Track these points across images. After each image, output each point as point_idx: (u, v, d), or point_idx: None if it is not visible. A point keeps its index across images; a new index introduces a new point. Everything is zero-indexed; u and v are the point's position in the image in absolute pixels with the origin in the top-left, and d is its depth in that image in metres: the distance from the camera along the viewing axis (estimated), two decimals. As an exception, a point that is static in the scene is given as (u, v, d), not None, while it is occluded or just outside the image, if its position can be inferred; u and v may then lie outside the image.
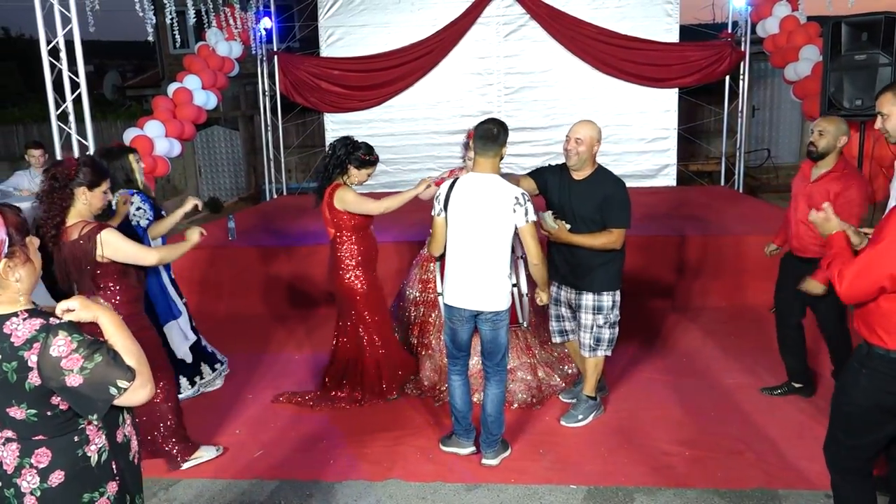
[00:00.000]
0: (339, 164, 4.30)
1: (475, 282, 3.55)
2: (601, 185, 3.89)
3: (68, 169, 3.27)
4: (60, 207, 3.26)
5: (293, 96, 9.94)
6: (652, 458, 3.79)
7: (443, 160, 9.71)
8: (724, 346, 5.36)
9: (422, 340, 4.75)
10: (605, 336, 4.08)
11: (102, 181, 3.37)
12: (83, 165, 3.31)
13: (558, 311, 4.26)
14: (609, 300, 4.03)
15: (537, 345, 4.76)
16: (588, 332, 4.09)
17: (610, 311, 4.04)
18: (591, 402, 4.23)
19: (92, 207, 3.36)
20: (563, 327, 4.30)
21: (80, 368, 1.81)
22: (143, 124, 7.27)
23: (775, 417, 4.18)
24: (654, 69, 9.38)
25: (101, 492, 1.97)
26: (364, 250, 4.37)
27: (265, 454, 3.98)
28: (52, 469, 1.91)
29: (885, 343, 2.52)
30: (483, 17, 9.53)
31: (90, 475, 1.96)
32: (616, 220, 3.87)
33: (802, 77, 7.46)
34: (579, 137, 3.82)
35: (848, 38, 5.44)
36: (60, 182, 3.25)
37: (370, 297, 4.42)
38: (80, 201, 3.29)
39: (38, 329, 1.83)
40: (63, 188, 3.25)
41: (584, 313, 4.08)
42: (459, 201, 3.52)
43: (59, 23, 5.71)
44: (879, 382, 2.55)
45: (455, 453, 3.90)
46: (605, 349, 4.11)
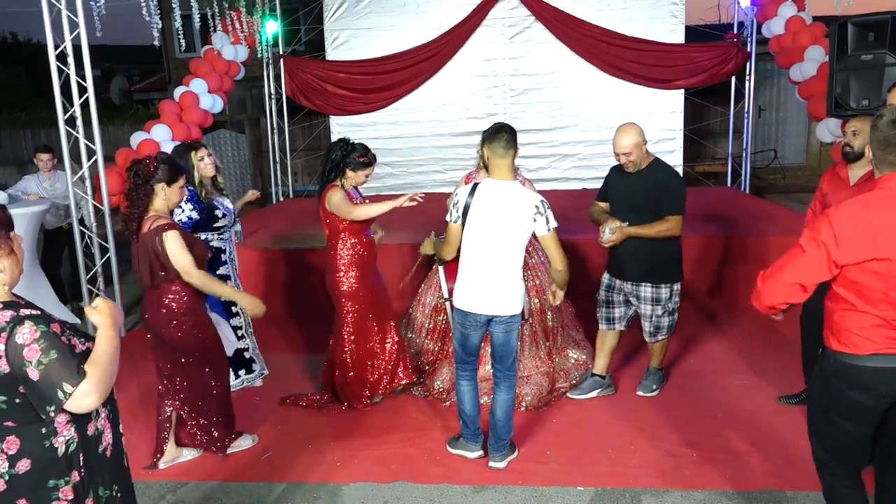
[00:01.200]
0: (335, 166, 4.30)
1: (491, 286, 3.54)
2: (654, 174, 4.12)
3: (148, 166, 3.54)
4: (143, 202, 3.55)
5: (299, 99, 9.96)
6: (659, 459, 3.79)
7: (448, 162, 9.73)
8: (733, 348, 5.35)
9: (443, 348, 4.73)
10: (665, 324, 4.34)
11: (179, 177, 3.64)
12: (161, 163, 3.58)
13: (609, 297, 4.44)
14: (667, 291, 4.24)
15: (556, 351, 4.76)
16: (648, 321, 4.33)
17: (668, 301, 4.27)
18: (660, 373, 4.61)
19: (170, 202, 3.64)
20: (611, 315, 4.48)
21: (37, 362, 1.90)
22: (150, 128, 7.31)
23: (783, 419, 4.17)
24: (659, 70, 9.37)
25: (66, 480, 2.05)
26: (358, 252, 4.36)
27: (272, 456, 3.99)
28: (19, 457, 1.99)
29: (831, 344, 2.53)
30: (488, 20, 9.53)
31: (56, 465, 2.04)
32: (670, 207, 4.09)
33: (808, 77, 7.45)
34: (626, 151, 4.07)
35: (854, 37, 5.42)
36: (142, 179, 3.52)
37: (357, 298, 4.40)
38: (160, 196, 3.57)
39: (7, 320, 1.93)
40: (145, 184, 3.53)
41: (643, 304, 4.29)
42: (479, 208, 3.50)
43: (66, 28, 5.75)
44: (829, 384, 2.55)
45: (462, 456, 3.90)
46: (664, 334, 4.39)
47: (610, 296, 4.45)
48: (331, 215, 4.30)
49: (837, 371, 2.50)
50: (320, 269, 6.52)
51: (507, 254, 3.52)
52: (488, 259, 3.52)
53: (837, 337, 2.49)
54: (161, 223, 3.53)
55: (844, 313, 2.45)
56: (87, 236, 6.24)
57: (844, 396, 2.50)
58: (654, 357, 4.59)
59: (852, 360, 2.45)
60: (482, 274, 3.55)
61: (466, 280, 3.61)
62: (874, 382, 2.43)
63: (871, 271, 2.35)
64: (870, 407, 2.48)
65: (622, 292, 4.39)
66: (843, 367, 2.48)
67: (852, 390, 2.47)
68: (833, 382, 2.53)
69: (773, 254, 6.27)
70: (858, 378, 2.45)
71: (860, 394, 2.47)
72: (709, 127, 11.17)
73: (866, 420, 2.52)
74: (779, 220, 7.18)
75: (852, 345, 2.45)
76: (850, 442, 2.58)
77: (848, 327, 2.45)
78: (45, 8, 5.63)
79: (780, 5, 8.09)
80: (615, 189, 4.31)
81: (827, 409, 2.58)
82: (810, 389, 2.72)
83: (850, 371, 2.47)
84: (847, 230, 2.36)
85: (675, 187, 4.14)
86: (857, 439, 2.57)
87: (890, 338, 2.39)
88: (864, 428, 2.54)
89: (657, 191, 4.09)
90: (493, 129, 3.56)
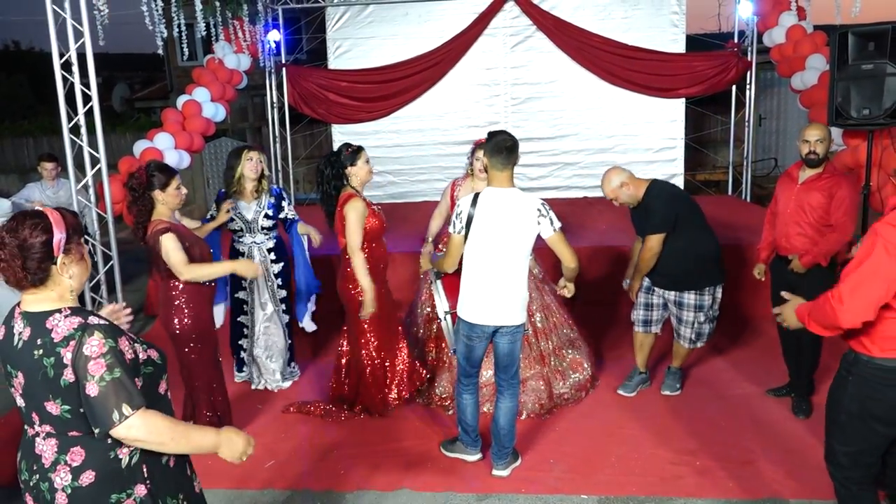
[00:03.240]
0: (338, 176, 4.30)
1: (498, 297, 3.54)
2: (644, 204, 4.31)
3: (141, 178, 3.75)
4: (146, 212, 3.79)
5: (301, 108, 9.98)
6: (662, 468, 3.79)
7: (450, 171, 9.72)
8: (732, 356, 5.35)
9: (439, 357, 4.74)
10: (706, 330, 4.48)
11: (171, 179, 3.81)
12: (151, 172, 3.77)
13: (649, 300, 4.56)
14: (709, 297, 4.38)
15: (550, 352, 4.75)
16: (690, 327, 4.45)
17: (710, 308, 4.41)
18: (681, 371, 4.77)
19: (169, 205, 3.83)
20: (649, 317, 4.60)
21: (99, 378, 1.86)
22: (153, 136, 7.32)
23: (785, 427, 4.18)
24: (660, 79, 9.39)
25: (128, 493, 2.01)
26: (372, 261, 4.37)
27: (277, 464, 3.99)
28: (83, 468, 1.96)
29: (869, 350, 2.57)
30: (490, 29, 9.56)
31: (119, 477, 2.00)
32: (649, 228, 4.29)
33: (809, 86, 7.46)
34: (611, 198, 4.34)
35: (855, 47, 5.44)
36: (139, 191, 3.75)
37: (379, 309, 4.40)
38: (159, 202, 3.79)
39: (76, 327, 1.91)
40: (143, 196, 3.76)
41: (686, 311, 4.42)
42: (483, 218, 3.49)
43: (71, 36, 5.78)
44: (865, 388, 2.60)
45: (461, 459, 3.92)
46: (704, 341, 4.53)
47: (650, 298, 4.57)
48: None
49: (880, 376, 2.56)
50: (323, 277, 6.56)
51: (513, 261, 3.53)
52: (494, 268, 3.52)
53: (879, 344, 2.54)
54: (159, 227, 3.74)
55: (889, 322, 2.50)
56: (91, 244, 6.26)
57: (887, 398, 2.56)
58: (679, 359, 4.72)
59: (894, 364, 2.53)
60: (488, 284, 3.54)
61: (472, 291, 3.59)
62: None
63: None
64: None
65: (662, 297, 4.51)
66: (886, 371, 2.54)
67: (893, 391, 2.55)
68: (875, 387, 2.58)
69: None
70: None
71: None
72: (709, 136, 11.18)
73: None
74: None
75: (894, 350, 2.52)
76: (879, 444, 2.66)
77: (892, 335, 2.51)
78: (50, 17, 5.66)
79: (781, 14, 8.12)
80: (634, 223, 4.56)
81: (862, 412, 2.63)
82: (836, 395, 2.74)
83: (892, 374, 2.54)
84: None
85: (653, 208, 4.28)
86: (885, 441, 2.65)
87: None
88: (892, 432, 2.62)
89: (645, 217, 4.31)
90: (494, 141, 3.53)
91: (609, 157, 9.52)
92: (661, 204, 4.27)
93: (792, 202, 4.28)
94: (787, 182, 4.42)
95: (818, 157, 4.16)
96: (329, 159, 4.35)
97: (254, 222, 4.87)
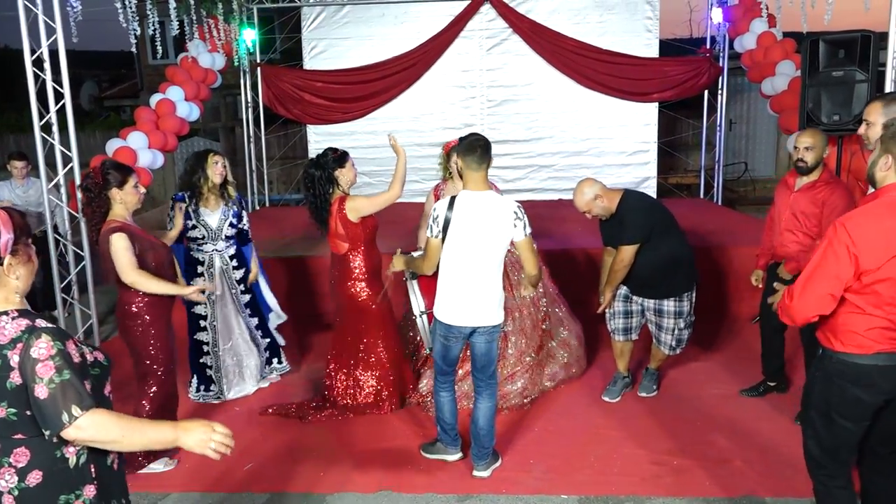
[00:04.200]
0: (328, 180, 4.29)
1: (475, 298, 3.55)
2: (619, 215, 4.30)
3: (96, 177, 3.61)
4: (101, 213, 3.65)
5: (276, 108, 9.92)
6: (641, 467, 3.83)
7: (425, 172, 9.70)
8: (708, 357, 5.44)
9: (418, 353, 4.76)
10: (685, 336, 4.54)
11: (129, 177, 3.68)
12: (108, 170, 3.63)
13: (628, 308, 4.57)
14: (688, 303, 4.44)
15: (525, 347, 4.78)
16: (671, 334, 4.50)
17: (689, 315, 4.47)
18: (657, 373, 4.83)
19: (128, 204, 3.69)
20: (629, 325, 4.62)
21: (48, 380, 1.83)
22: (126, 135, 7.22)
23: (761, 426, 4.25)
24: (634, 83, 9.49)
25: (77, 494, 1.97)
26: (373, 262, 4.41)
27: (255, 466, 3.96)
28: (29, 469, 1.91)
29: (832, 345, 2.63)
30: (466, 31, 9.59)
31: (68, 477, 1.95)
32: (624, 239, 4.26)
33: (779, 91, 7.60)
34: (584, 210, 4.31)
35: (826, 54, 5.56)
36: (94, 192, 3.61)
37: (383, 309, 4.45)
38: (116, 202, 3.64)
39: (23, 329, 1.88)
40: (98, 196, 3.62)
41: (666, 318, 4.46)
42: (460, 221, 3.50)
43: (43, 33, 5.67)
44: (830, 384, 2.65)
45: (442, 460, 3.92)
46: (684, 346, 4.60)
47: (629, 306, 4.59)
48: (354, 227, 4.29)
49: (841, 371, 2.61)
50: (298, 278, 6.53)
51: (489, 263, 3.54)
52: (472, 270, 3.53)
53: (841, 339, 2.59)
54: (110, 226, 3.61)
55: (850, 316, 2.55)
56: (62, 244, 6.15)
57: (847, 394, 2.60)
58: (656, 361, 4.76)
59: (857, 360, 2.57)
60: (466, 286, 3.55)
61: (449, 293, 3.60)
62: (877, 379, 2.56)
63: (887, 277, 2.44)
64: (870, 404, 2.61)
65: (641, 304, 4.54)
66: (846, 366, 2.59)
67: (855, 387, 2.59)
68: (836, 382, 2.63)
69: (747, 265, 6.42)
70: (862, 376, 2.57)
71: (863, 391, 2.58)
72: (681, 139, 11.33)
73: (865, 417, 2.64)
74: (750, 231, 7.31)
75: (857, 345, 2.56)
76: (848, 440, 2.69)
77: (853, 329, 2.55)
78: (21, 12, 5.55)
79: (752, 21, 8.26)
80: (603, 235, 4.56)
81: (828, 409, 2.67)
82: (807, 392, 2.82)
83: (854, 370, 2.58)
84: (865, 236, 2.45)
85: (628, 220, 4.26)
86: (854, 437, 2.68)
87: (893, 338, 2.52)
88: (861, 425, 2.66)
89: (619, 228, 4.30)
90: (467, 142, 3.56)
91: (583, 159, 9.61)
92: (638, 216, 4.27)
93: (787, 209, 4.29)
94: (783, 189, 4.42)
95: (807, 166, 4.13)
96: (317, 163, 4.32)
97: (218, 230, 4.71)
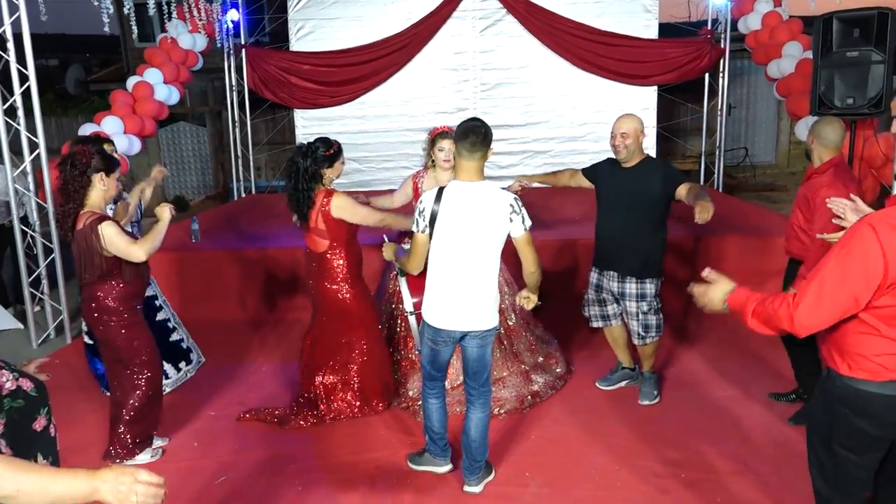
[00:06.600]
0: (313, 175, 3.97)
1: (466, 301, 3.23)
2: (655, 171, 4.08)
3: (84, 156, 3.38)
4: (80, 196, 3.40)
5: (262, 92, 9.55)
6: (645, 480, 3.54)
7: (416, 158, 9.31)
8: (711, 355, 5.12)
9: (406, 355, 4.46)
10: (653, 322, 4.25)
11: (116, 167, 3.54)
12: (98, 152, 3.43)
13: (600, 297, 4.37)
14: (652, 287, 4.18)
15: (524, 350, 4.58)
16: (635, 320, 4.26)
17: (653, 299, 4.21)
18: (655, 376, 4.49)
19: (107, 194, 3.51)
20: (605, 312, 4.41)
21: None
22: (100, 120, 6.87)
23: (773, 433, 3.96)
24: (633, 66, 9.17)
25: None
26: (354, 260, 4.10)
27: (228, 481, 3.65)
28: None
29: (838, 366, 2.28)
30: (459, 12, 9.24)
31: None
32: (676, 179, 4.06)
33: (786, 74, 7.30)
34: (624, 132, 4.02)
35: (839, 34, 5.24)
36: (79, 169, 3.36)
37: (364, 310, 4.17)
38: (98, 188, 3.43)
39: None
40: (81, 175, 3.37)
41: (628, 301, 4.23)
42: (448, 215, 3.18)
43: (6, 10, 5.32)
44: (832, 410, 2.31)
45: (431, 472, 3.63)
46: (654, 335, 4.28)
47: (600, 295, 4.39)
48: (338, 224, 3.96)
49: (844, 396, 2.26)
50: (282, 270, 6.22)
51: (482, 262, 3.22)
52: (462, 269, 3.21)
53: (849, 361, 2.23)
54: (93, 218, 3.41)
55: (862, 337, 2.19)
56: (30, 236, 5.82)
57: (849, 424, 2.26)
58: (645, 361, 4.46)
59: (863, 386, 2.21)
60: (455, 286, 3.23)
61: (437, 294, 3.29)
62: (884, 412, 2.21)
63: None
64: (877, 437, 2.26)
65: (610, 291, 4.32)
66: (851, 392, 2.24)
67: (859, 418, 2.24)
68: (837, 408, 2.29)
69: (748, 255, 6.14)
70: (867, 406, 2.22)
71: (867, 423, 2.23)
72: (679, 124, 11.02)
73: (872, 449, 2.29)
74: (752, 219, 7.02)
75: (866, 370, 2.20)
76: (854, 474, 2.33)
77: (863, 352, 2.20)
78: (-19, -11, 5.20)
79: (756, 1, 7.93)
80: (607, 182, 4.26)
81: (828, 437, 2.34)
82: (811, 414, 2.48)
83: (858, 397, 2.23)
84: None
85: (670, 168, 4.25)
86: (862, 470, 2.33)
87: None
88: (868, 460, 2.31)
89: (666, 181, 4.03)
90: (461, 127, 3.23)
91: (580, 144, 9.31)
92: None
93: (796, 203, 3.98)
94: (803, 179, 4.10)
95: (808, 155, 3.88)
96: (306, 153, 3.96)
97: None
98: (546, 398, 4.45)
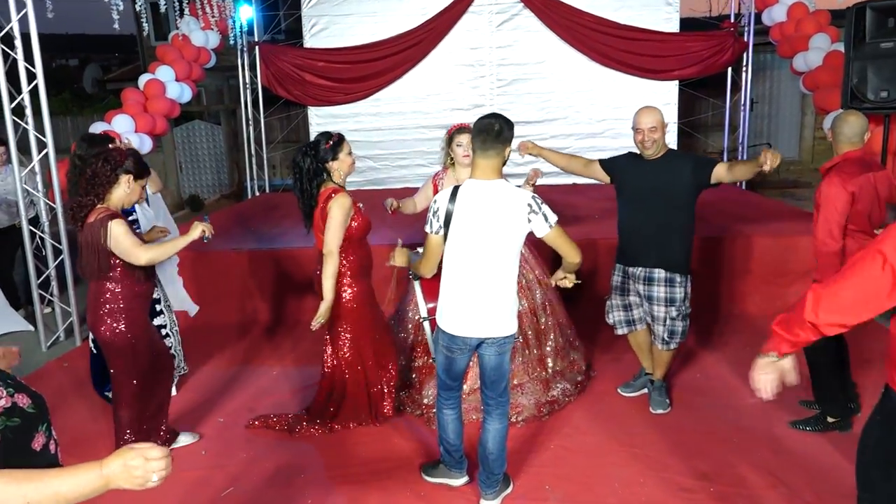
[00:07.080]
0: (318, 172, 3.82)
1: (483, 306, 3.06)
2: (683, 161, 4.00)
3: (119, 155, 3.43)
4: (103, 190, 3.39)
5: (276, 89, 9.45)
6: (672, 494, 3.35)
7: (431, 155, 9.24)
8: (738, 360, 4.89)
9: (427, 361, 4.29)
10: (679, 328, 4.08)
11: (146, 175, 3.55)
12: (132, 155, 3.48)
13: (625, 301, 4.21)
14: (681, 291, 4.02)
15: (550, 354, 4.39)
16: (662, 325, 4.08)
17: (682, 304, 4.05)
18: (665, 384, 4.35)
19: (129, 197, 3.50)
20: (630, 317, 4.25)
21: None
22: (111, 118, 6.78)
23: (806, 443, 3.76)
24: (653, 60, 8.97)
25: None
26: (358, 260, 3.93)
27: (235, 492, 3.52)
28: None
29: (893, 383, 2.07)
30: (475, 6, 9.08)
31: None
32: (711, 161, 3.96)
33: (813, 67, 7.06)
34: (653, 126, 3.90)
35: (873, 23, 5.02)
36: (111, 164, 3.38)
37: (359, 310, 3.97)
38: (122, 188, 3.43)
39: None
40: (112, 171, 3.38)
41: (656, 305, 4.07)
42: (463, 215, 3.02)
43: (13, 6, 5.22)
44: (890, 430, 2.10)
45: (446, 485, 3.47)
46: (678, 340, 4.12)
47: (626, 298, 4.21)
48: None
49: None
50: (297, 271, 6.08)
51: (499, 265, 3.05)
52: (478, 273, 3.04)
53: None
54: (105, 214, 3.36)
55: None
56: (39, 237, 5.72)
57: None
58: (659, 368, 4.28)
59: None
60: (471, 291, 3.06)
61: (452, 299, 3.12)
62: None
63: None
64: None
65: (636, 292, 4.14)
66: None
67: None
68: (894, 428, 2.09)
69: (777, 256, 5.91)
70: None
71: None
72: (699, 120, 10.78)
73: None
74: (781, 218, 6.79)
75: None
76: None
77: None
78: (-13, -14, 5.11)
79: (781, -9, 7.71)
80: (630, 176, 4.10)
81: (888, 460, 2.14)
82: (865, 436, 2.28)
83: None
84: None
85: (702, 156, 4.19)
86: None
87: None
88: None
89: (696, 168, 3.91)
90: (478, 122, 3.07)
91: (599, 141, 9.10)
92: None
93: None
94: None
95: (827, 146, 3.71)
96: (306, 152, 3.83)
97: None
98: (566, 405, 4.28)
